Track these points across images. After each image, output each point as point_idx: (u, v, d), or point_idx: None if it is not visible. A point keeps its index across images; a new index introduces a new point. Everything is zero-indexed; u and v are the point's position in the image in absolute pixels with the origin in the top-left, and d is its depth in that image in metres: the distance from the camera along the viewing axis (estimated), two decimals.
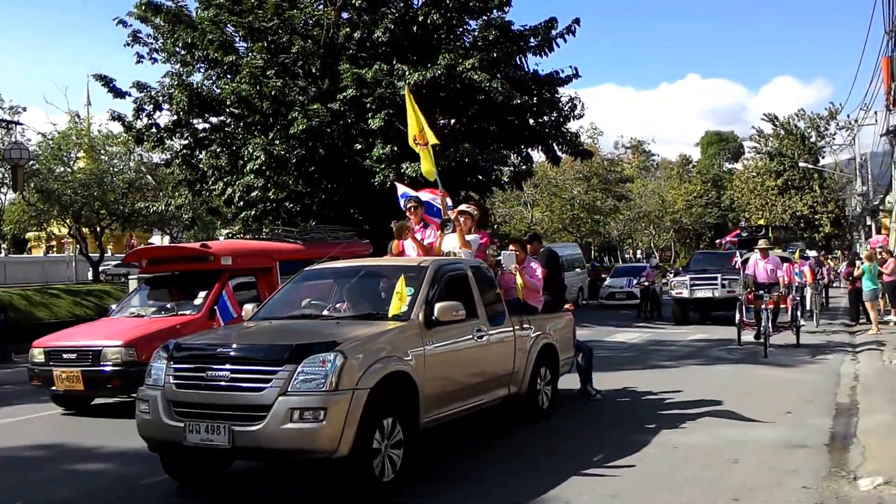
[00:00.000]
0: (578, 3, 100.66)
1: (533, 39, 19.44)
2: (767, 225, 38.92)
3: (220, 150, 18.87)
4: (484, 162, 18.42)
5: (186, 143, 19.74)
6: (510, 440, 7.67)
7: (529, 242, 9.47)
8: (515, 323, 7.97)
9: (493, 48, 18.37)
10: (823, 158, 57.52)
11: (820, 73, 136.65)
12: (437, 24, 18.61)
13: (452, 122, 19.74)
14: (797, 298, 16.45)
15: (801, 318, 15.77)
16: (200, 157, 19.58)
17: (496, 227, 39.56)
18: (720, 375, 11.79)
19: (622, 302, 28.32)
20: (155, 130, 19.28)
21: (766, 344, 13.59)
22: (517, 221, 42.80)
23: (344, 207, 18.75)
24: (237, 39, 19.29)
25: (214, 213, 22.75)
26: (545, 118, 19.96)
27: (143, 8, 18.17)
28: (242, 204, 18.36)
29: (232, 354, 5.86)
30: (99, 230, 30.05)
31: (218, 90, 18.32)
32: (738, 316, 15.00)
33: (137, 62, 19.27)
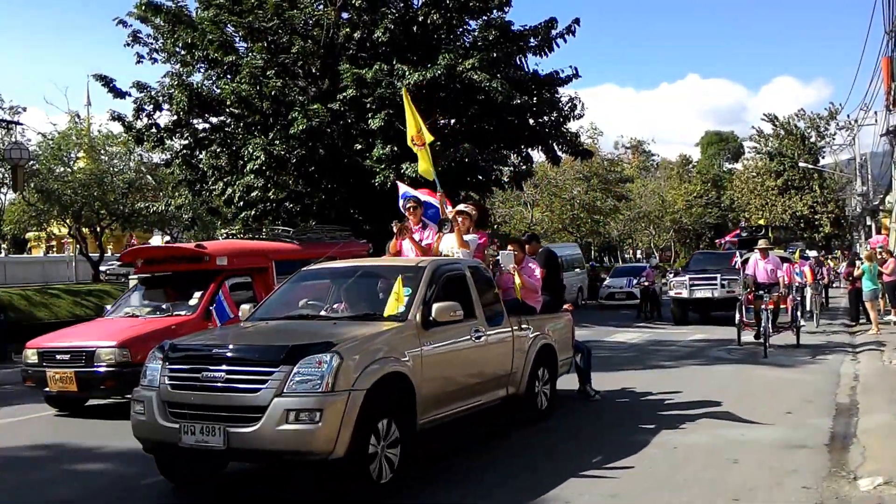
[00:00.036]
0: (578, 3, 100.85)
1: (533, 39, 19.46)
2: (767, 225, 38.90)
3: (220, 150, 18.89)
4: (484, 162, 18.44)
5: (186, 143, 19.76)
6: (509, 441, 7.65)
7: (528, 242, 9.42)
8: (514, 323, 7.90)
9: (493, 48, 18.38)
10: (823, 158, 57.60)
11: (820, 73, 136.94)
12: (437, 24, 18.62)
13: (452, 122, 19.75)
14: (797, 299, 16.44)
15: (801, 318, 15.77)
16: (200, 157, 19.60)
17: (496, 227, 39.56)
18: (720, 376, 11.79)
19: (622, 302, 28.33)
20: (155, 130, 19.30)
21: (765, 344, 13.59)
22: (517, 221, 42.79)
23: (344, 207, 18.76)
24: (237, 39, 19.31)
25: (214, 213, 22.77)
26: (545, 118, 19.96)
27: (143, 8, 18.19)
28: (242, 204, 18.37)
29: (227, 355, 5.83)
30: (99, 230, 30.08)
31: (218, 90, 18.33)
32: (737, 316, 15.00)
33: (137, 62, 19.33)
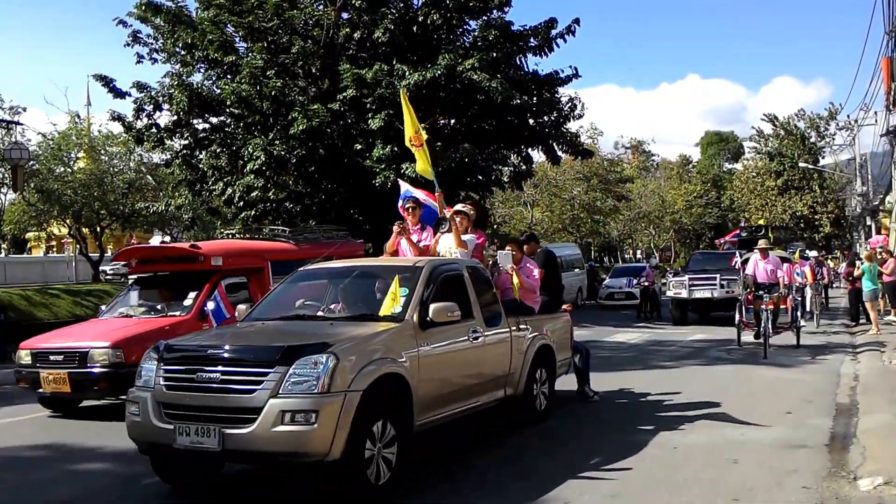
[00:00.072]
0: (578, 3, 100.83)
1: (533, 39, 19.47)
2: (767, 225, 38.89)
3: (220, 150, 18.90)
4: (484, 162, 18.46)
5: (186, 143, 19.77)
6: (507, 442, 7.62)
7: (526, 242, 9.37)
8: (512, 324, 7.83)
9: (492, 48, 18.39)
10: (823, 158, 57.57)
11: (820, 73, 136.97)
12: (437, 24, 18.64)
13: (452, 122, 19.76)
14: (797, 299, 16.42)
15: (801, 318, 15.75)
16: (200, 157, 19.62)
17: (496, 227, 39.56)
18: (720, 376, 11.78)
19: (621, 302, 28.32)
20: (155, 130, 19.32)
21: (765, 344, 13.57)
22: (517, 222, 42.79)
23: (344, 208, 18.76)
24: (237, 40, 19.32)
25: (214, 213, 22.78)
26: (545, 118, 19.98)
27: (143, 8, 18.20)
28: (242, 204, 18.38)
29: (223, 356, 5.78)
30: (99, 230, 30.08)
31: (218, 90, 18.34)
32: (737, 316, 14.97)
33: (137, 62, 19.35)
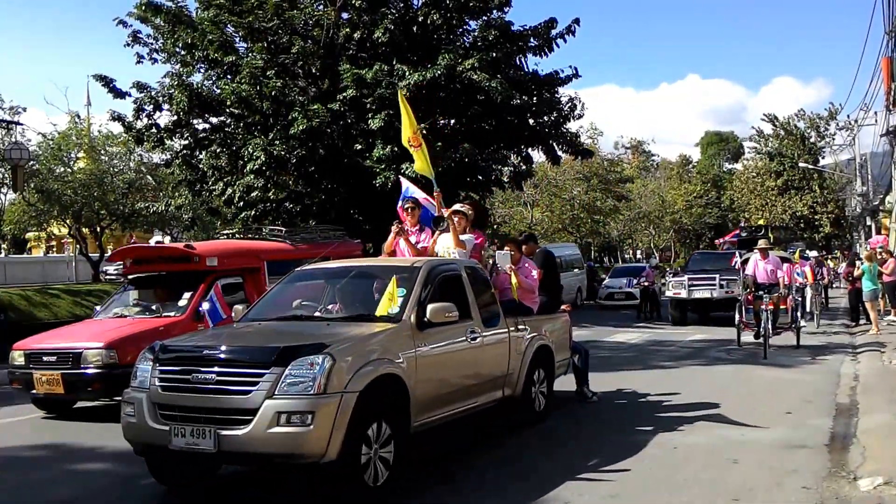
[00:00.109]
0: (578, 3, 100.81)
1: (533, 40, 19.46)
2: (767, 225, 38.90)
3: (220, 150, 18.89)
4: (484, 162, 18.46)
5: (186, 143, 19.76)
6: (506, 443, 7.60)
7: (525, 243, 9.34)
8: (510, 324, 7.81)
9: (492, 48, 18.38)
10: (823, 159, 57.56)
11: (820, 73, 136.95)
12: (437, 24, 18.63)
13: (452, 122, 19.75)
14: (798, 299, 16.41)
15: (801, 319, 15.74)
16: (200, 157, 19.61)
17: (496, 227, 39.55)
18: (720, 376, 11.78)
19: (621, 302, 28.32)
20: (155, 131, 19.30)
21: (765, 345, 13.55)
22: (517, 222, 42.77)
23: (344, 208, 18.76)
24: (237, 40, 19.31)
25: (214, 213, 22.78)
26: (545, 118, 19.96)
27: (143, 8, 18.20)
28: (242, 204, 18.37)
29: (218, 356, 5.74)
30: (99, 230, 30.05)
31: (218, 90, 18.33)
32: (737, 317, 14.95)
33: (137, 62, 19.33)
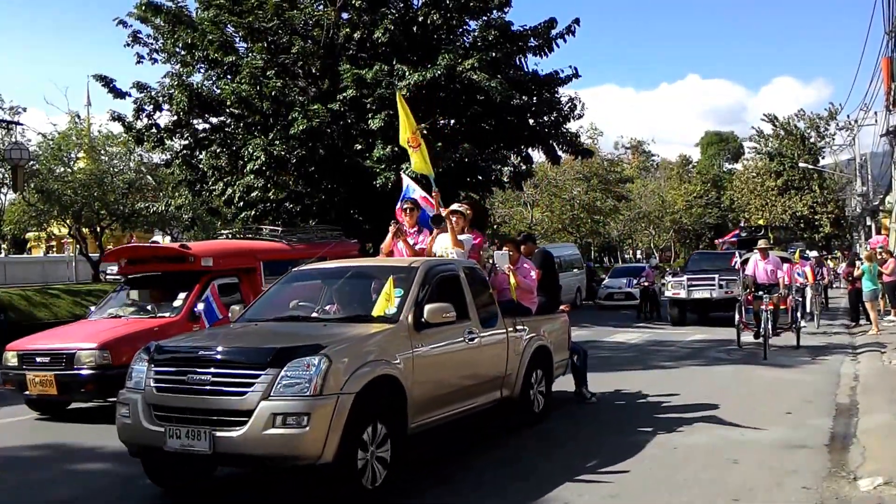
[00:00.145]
0: (578, 3, 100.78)
1: (533, 40, 19.48)
2: (767, 225, 38.91)
3: (220, 150, 18.90)
4: (484, 162, 18.47)
5: (186, 143, 19.77)
6: (504, 443, 7.57)
7: (523, 243, 9.29)
8: (508, 325, 7.77)
9: (492, 48, 18.39)
10: (823, 159, 57.56)
11: (820, 73, 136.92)
12: (436, 24, 18.64)
13: (452, 122, 19.76)
14: (798, 299, 16.39)
15: (801, 319, 15.72)
16: (200, 157, 19.62)
17: (496, 227, 39.54)
18: (720, 376, 11.78)
19: (620, 303, 28.28)
20: (155, 131, 19.31)
21: (765, 345, 13.52)
22: (517, 222, 42.77)
23: (344, 208, 18.77)
24: (237, 40, 19.32)
25: (214, 213, 22.80)
26: (545, 118, 19.98)
27: (143, 8, 18.21)
28: (242, 204, 18.38)
29: (214, 357, 5.70)
30: (99, 230, 30.06)
31: (218, 90, 18.33)
32: (737, 317, 14.91)
33: (137, 62, 19.35)
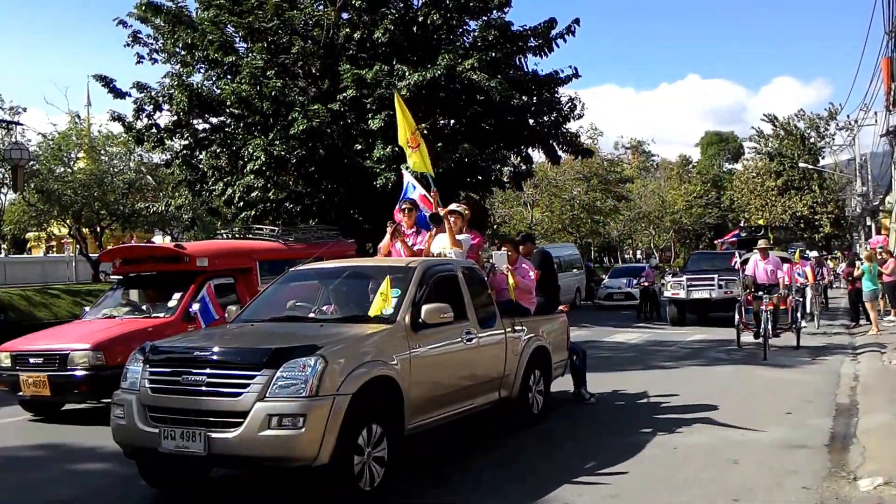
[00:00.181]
0: (578, 3, 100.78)
1: (533, 40, 19.49)
2: (766, 225, 38.88)
3: (220, 150, 18.90)
4: (484, 162, 18.47)
5: (186, 143, 19.78)
6: (502, 444, 7.55)
7: (522, 243, 9.25)
8: (507, 325, 7.74)
9: (492, 48, 18.40)
10: (823, 159, 57.56)
11: (820, 73, 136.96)
12: (436, 24, 18.65)
13: (452, 122, 19.77)
14: (798, 300, 16.37)
15: (801, 319, 15.69)
16: (200, 157, 19.63)
17: (496, 227, 39.54)
18: (720, 376, 11.77)
19: (620, 303, 28.27)
20: (155, 131, 19.32)
21: (765, 345, 13.50)
22: (517, 222, 42.78)
23: (344, 208, 18.77)
24: (237, 40, 19.33)
25: (214, 213, 22.82)
26: (545, 118, 19.98)
27: (143, 8, 18.21)
28: (242, 204, 18.38)
29: (209, 358, 5.66)
30: (99, 230, 30.08)
31: (218, 90, 18.34)
32: (737, 317, 14.89)
33: (137, 63, 19.36)
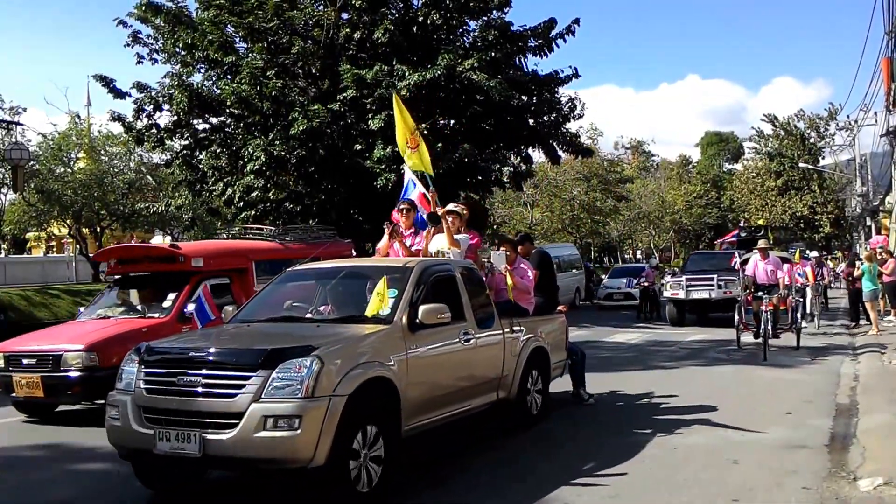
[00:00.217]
0: (578, 3, 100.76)
1: (533, 40, 19.49)
2: (766, 225, 38.90)
3: (220, 150, 18.91)
4: (484, 162, 18.48)
5: (186, 143, 19.79)
6: (502, 445, 7.54)
7: (521, 243, 9.22)
8: (505, 325, 7.72)
9: (492, 48, 18.41)
10: (823, 159, 57.61)
11: (820, 73, 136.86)
12: (436, 24, 18.64)
13: (452, 122, 19.77)
14: (799, 300, 16.37)
15: (801, 320, 15.69)
16: (200, 157, 19.64)
17: (496, 227, 39.54)
18: (720, 376, 11.77)
19: (620, 303, 28.27)
20: (155, 131, 19.33)
21: (765, 345, 13.49)
22: (517, 222, 42.78)
23: (344, 208, 18.78)
24: (237, 40, 19.33)
25: (214, 213, 22.82)
26: (545, 118, 19.98)
27: (143, 9, 18.22)
28: (242, 204, 18.39)
29: (205, 358, 5.62)
30: (99, 230, 30.10)
31: (218, 91, 18.34)
32: (736, 318, 14.88)
33: (138, 63, 19.36)
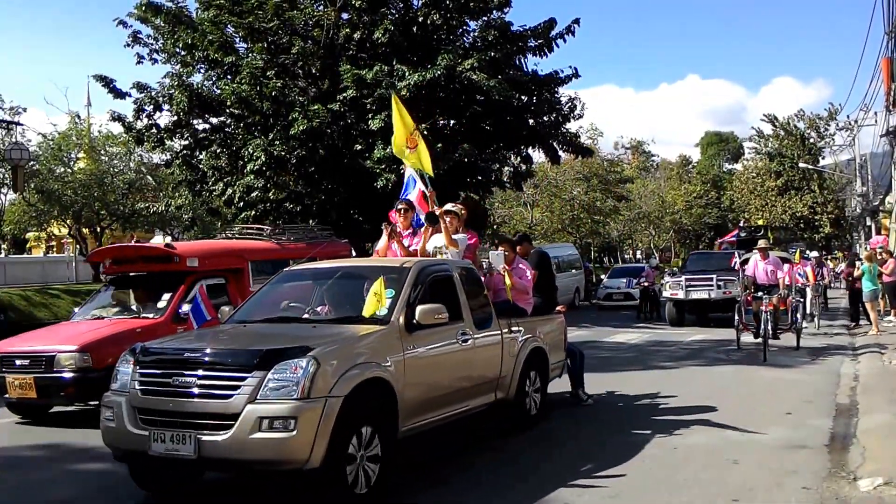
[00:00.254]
0: (578, 3, 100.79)
1: (532, 40, 19.49)
2: (766, 225, 38.90)
3: (220, 150, 18.92)
4: (483, 162, 18.47)
5: (186, 143, 19.79)
6: (502, 445, 7.53)
7: (519, 243, 9.21)
8: (503, 326, 7.69)
9: (492, 49, 18.41)
10: (823, 159, 57.63)
11: (820, 73, 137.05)
12: (436, 24, 18.64)
13: (452, 122, 19.77)
14: (799, 300, 16.36)
15: (801, 320, 15.68)
16: (200, 157, 19.64)
17: (496, 227, 39.53)
18: (720, 376, 11.78)
19: (619, 303, 28.27)
20: (155, 131, 19.33)
21: (765, 346, 13.47)
22: (517, 222, 42.77)
23: (344, 208, 18.78)
24: (237, 40, 19.33)
25: (214, 213, 22.81)
26: (545, 118, 19.98)
27: (143, 9, 18.23)
28: (242, 204, 18.38)
29: (200, 359, 5.58)
30: (99, 230, 30.11)
31: (218, 91, 18.34)
32: (736, 318, 14.87)
33: (138, 63, 19.35)
